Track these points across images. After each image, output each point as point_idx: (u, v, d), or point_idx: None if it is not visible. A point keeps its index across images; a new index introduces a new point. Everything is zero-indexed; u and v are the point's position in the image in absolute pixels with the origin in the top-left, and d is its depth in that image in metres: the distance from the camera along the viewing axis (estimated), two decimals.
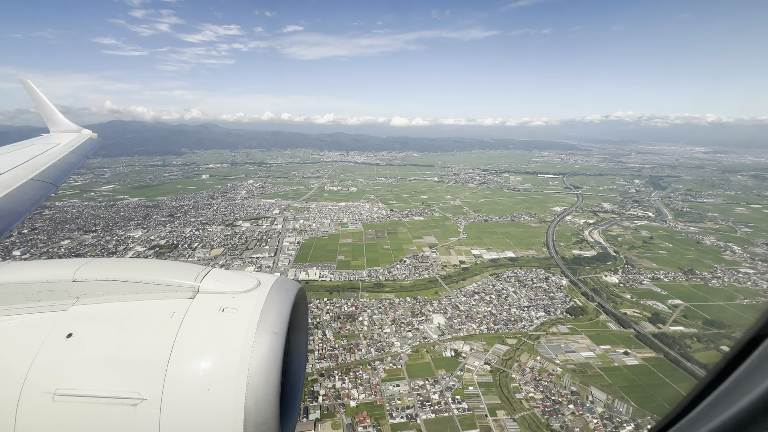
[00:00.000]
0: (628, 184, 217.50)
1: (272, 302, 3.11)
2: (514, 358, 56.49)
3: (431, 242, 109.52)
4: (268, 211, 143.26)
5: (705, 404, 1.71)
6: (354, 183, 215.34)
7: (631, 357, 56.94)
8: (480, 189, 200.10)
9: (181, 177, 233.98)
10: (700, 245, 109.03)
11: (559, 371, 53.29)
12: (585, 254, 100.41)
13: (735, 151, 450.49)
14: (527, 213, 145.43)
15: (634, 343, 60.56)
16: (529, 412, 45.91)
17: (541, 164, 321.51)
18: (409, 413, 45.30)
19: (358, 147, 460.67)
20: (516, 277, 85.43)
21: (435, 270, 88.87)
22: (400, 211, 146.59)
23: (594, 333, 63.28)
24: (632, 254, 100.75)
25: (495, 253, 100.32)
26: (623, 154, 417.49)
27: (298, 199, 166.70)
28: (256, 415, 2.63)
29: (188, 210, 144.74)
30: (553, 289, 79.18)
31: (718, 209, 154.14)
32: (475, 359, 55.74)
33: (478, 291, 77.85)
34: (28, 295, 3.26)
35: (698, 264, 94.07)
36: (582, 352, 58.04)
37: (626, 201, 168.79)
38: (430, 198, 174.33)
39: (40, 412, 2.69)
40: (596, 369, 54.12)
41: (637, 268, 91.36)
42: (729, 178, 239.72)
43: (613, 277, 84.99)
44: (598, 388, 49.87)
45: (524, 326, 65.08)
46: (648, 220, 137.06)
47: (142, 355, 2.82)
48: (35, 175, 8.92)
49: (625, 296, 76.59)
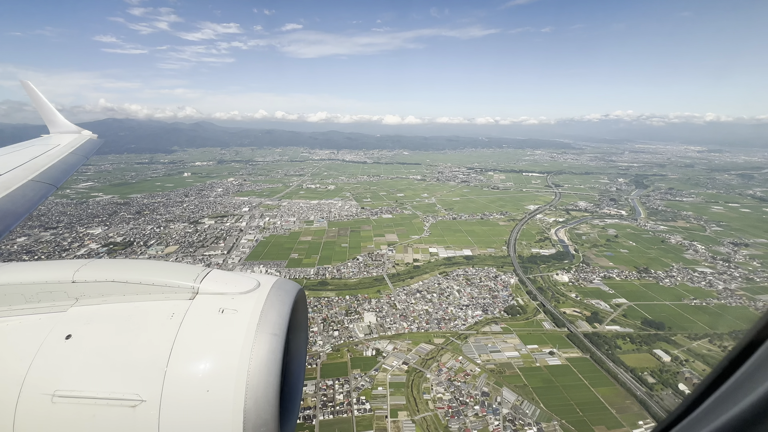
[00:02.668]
0: (612, 182, 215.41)
1: (272, 303, 3.08)
2: (436, 357, 55.32)
3: (392, 240, 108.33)
4: (238, 209, 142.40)
5: (707, 405, 1.69)
6: (334, 181, 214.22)
7: (555, 357, 55.65)
8: (459, 187, 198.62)
9: (163, 174, 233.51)
10: (664, 244, 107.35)
11: (477, 371, 52.10)
12: (544, 253, 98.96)
13: (730, 150, 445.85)
14: (499, 211, 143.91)
15: (563, 343, 59.25)
16: (432, 413, 44.76)
17: (529, 163, 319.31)
18: (308, 414, 44.24)
19: (350, 145, 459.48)
20: (465, 275, 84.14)
21: (385, 268, 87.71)
22: (371, 209, 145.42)
23: (526, 333, 61.99)
24: (591, 253, 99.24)
25: (452, 252, 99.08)
26: (616, 152, 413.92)
27: (272, 197, 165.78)
28: (256, 416, 2.61)
29: (158, 207, 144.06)
30: (499, 288, 77.89)
31: (695, 208, 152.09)
32: (395, 359, 54.61)
33: (422, 289, 76.64)
34: (27, 296, 3.24)
35: (656, 263, 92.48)
36: (507, 352, 56.80)
37: (603, 199, 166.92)
38: (406, 196, 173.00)
39: (38, 414, 2.68)
40: (516, 369, 52.89)
41: (592, 266, 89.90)
42: (716, 177, 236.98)
43: (564, 276, 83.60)
44: (510, 389, 48.68)
45: (456, 325, 63.88)
46: (619, 219, 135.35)
47: (142, 357, 2.80)
48: (35, 176, 8.96)
49: (570, 295, 75.21)
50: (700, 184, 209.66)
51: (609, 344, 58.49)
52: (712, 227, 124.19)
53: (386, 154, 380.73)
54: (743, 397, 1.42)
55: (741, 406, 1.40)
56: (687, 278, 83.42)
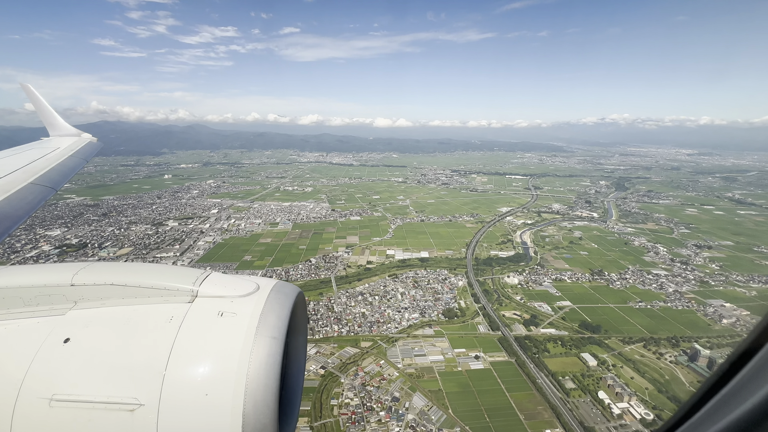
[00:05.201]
0: (593, 185, 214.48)
1: (271, 306, 3.06)
2: (358, 361, 53.91)
3: (352, 242, 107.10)
4: (207, 211, 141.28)
5: (709, 407, 1.69)
6: (314, 183, 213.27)
7: (479, 361, 54.25)
8: (438, 189, 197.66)
9: (144, 177, 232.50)
10: (627, 246, 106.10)
11: (395, 376, 50.70)
12: (502, 255, 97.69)
13: (720, 154, 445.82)
14: (470, 213, 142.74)
15: (493, 347, 57.86)
16: (334, 419, 43.32)
17: (517, 165, 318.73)
18: None
19: (341, 148, 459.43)
20: (415, 277, 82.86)
21: (336, 270, 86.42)
22: (341, 211, 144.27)
23: (457, 336, 60.62)
24: (550, 255, 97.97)
25: (410, 254, 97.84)
26: (607, 156, 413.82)
27: (245, 199, 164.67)
28: (255, 420, 2.60)
29: (126, 209, 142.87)
30: (446, 290, 76.58)
31: (669, 210, 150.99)
32: (314, 363, 53.24)
33: (365, 292, 75.31)
34: (26, 300, 3.20)
35: (613, 265, 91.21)
36: (432, 355, 55.39)
37: (579, 202, 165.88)
38: (381, 198, 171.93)
39: (36, 418, 2.66)
40: (435, 374, 51.48)
41: (546, 268, 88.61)
42: (699, 179, 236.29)
43: (515, 278, 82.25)
44: (422, 395, 47.25)
45: (389, 328, 62.50)
46: (589, 221, 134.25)
47: (140, 360, 2.78)
48: (34, 179, 8.92)
49: (515, 297, 73.87)
50: (681, 187, 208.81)
51: (538, 348, 57.07)
52: (681, 229, 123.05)
53: (375, 157, 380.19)
54: (744, 400, 1.40)
55: (742, 409, 1.39)
56: (639, 281, 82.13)
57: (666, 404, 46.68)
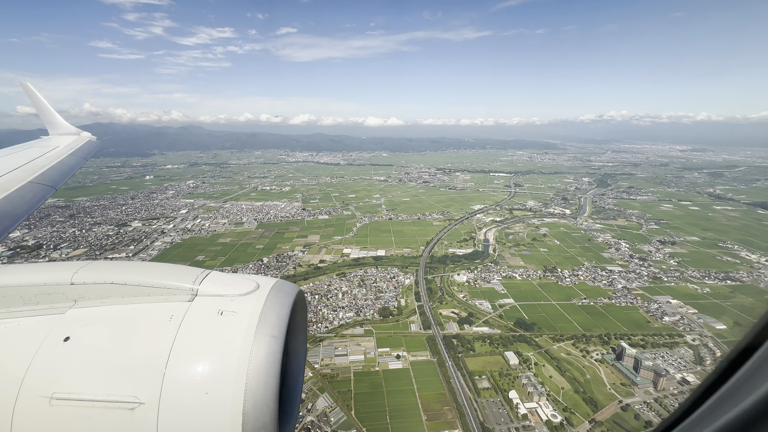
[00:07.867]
0: (576, 182, 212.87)
1: (271, 305, 3.06)
2: None
3: (312, 241, 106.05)
4: (176, 211, 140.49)
5: (707, 406, 1.69)
6: (294, 183, 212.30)
7: (400, 361, 53.07)
8: (417, 188, 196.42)
9: (126, 178, 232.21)
10: (590, 242, 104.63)
11: (308, 377, 49.57)
12: (459, 252, 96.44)
13: (714, 149, 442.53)
14: (441, 211, 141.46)
15: (419, 346, 56.67)
16: None
17: (505, 163, 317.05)
18: None
19: (332, 147, 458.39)
20: (364, 276, 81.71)
21: (285, 270, 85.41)
22: (311, 210, 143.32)
23: (386, 335, 59.45)
24: (509, 252, 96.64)
25: (366, 252, 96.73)
26: (599, 152, 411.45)
27: (219, 199, 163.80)
28: (255, 418, 2.60)
29: (95, 211, 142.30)
30: (390, 289, 75.44)
31: (644, 206, 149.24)
32: None
33: (307, 292, 74.17)
34: (26, 298, 3.20)
35: (569, 261, 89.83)
36: (354, 355, 54.23)
37: (555, 199, 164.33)
38: (357, 197, 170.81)
39: (36, 416, 2.67)
40: (350, 374, 50.34)
41: (500, 266, 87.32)
42: (684, 175, 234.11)
43: (463, 276, 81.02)
44: (329, 396, 46.11)
45: (319, 328, 61.40)
46: (560, 218, 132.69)
47: (140, 359, 2.79)
48: (34, 178, 8.93)
49: (459, 296, 72.64)
50: (664, 183, 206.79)
51: (465, 347, 55.85)
52: (651, 225, 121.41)
53: (364, 156, 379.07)
54: (743, 398, 1.40)
55: (741, 407, 1.39)
56: (590, 277, 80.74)
57: (578, 405, 45.39)
